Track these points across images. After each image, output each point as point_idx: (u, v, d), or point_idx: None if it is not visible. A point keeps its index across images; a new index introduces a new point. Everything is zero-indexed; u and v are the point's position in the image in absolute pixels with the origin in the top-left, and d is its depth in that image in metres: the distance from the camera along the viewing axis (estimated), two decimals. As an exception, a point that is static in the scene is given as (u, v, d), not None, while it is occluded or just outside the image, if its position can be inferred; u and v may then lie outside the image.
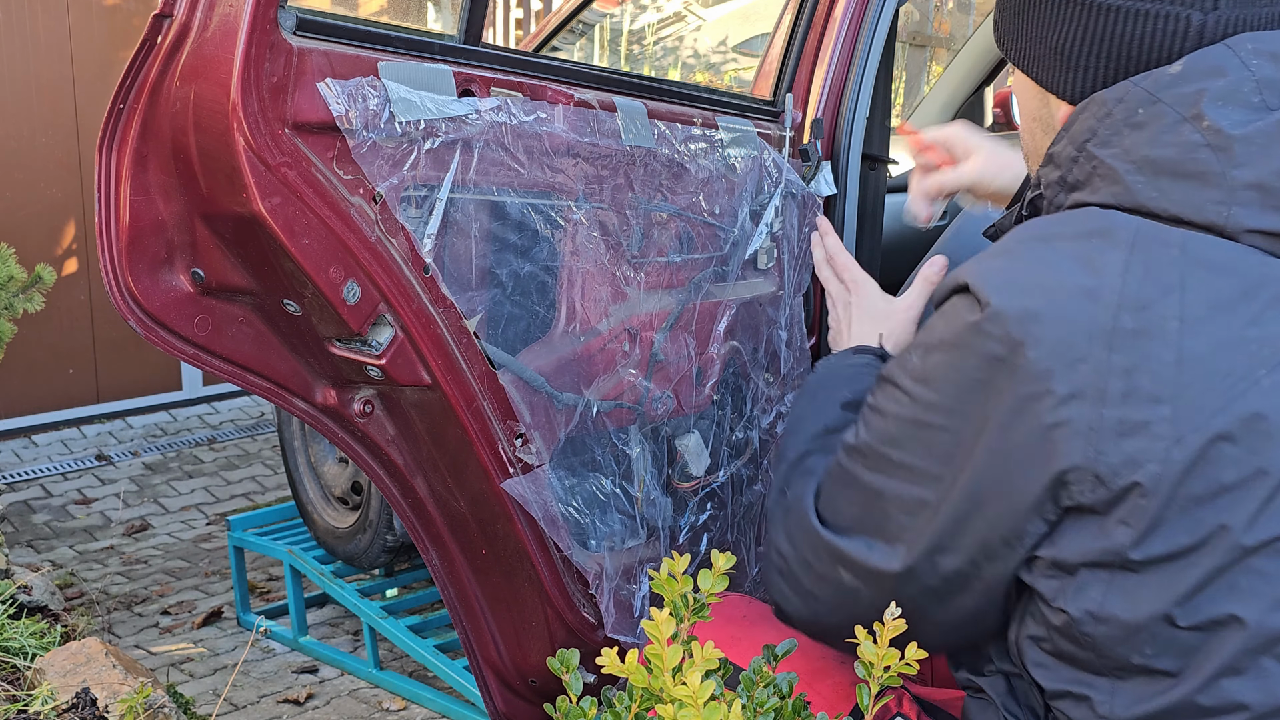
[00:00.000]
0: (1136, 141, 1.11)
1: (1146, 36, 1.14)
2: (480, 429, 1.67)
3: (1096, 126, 1.14)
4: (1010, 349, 1.07)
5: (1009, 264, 1.12)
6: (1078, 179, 1.16)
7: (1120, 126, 1.12)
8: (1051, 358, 1.05)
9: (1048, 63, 1.23)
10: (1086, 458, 1.04)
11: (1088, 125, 1.15)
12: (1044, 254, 1.11)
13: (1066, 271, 1.08)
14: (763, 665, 1.13)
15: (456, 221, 1.60)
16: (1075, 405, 1.05)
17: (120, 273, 1.45)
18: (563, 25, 3.08)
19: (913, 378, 1.17)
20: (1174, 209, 1.08)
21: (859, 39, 2.20)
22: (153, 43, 1.37)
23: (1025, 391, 1.06)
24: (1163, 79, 1.12)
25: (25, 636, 2.21)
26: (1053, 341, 1.05)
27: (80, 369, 4.82)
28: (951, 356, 1.13)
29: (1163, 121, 1.10)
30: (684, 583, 1.13)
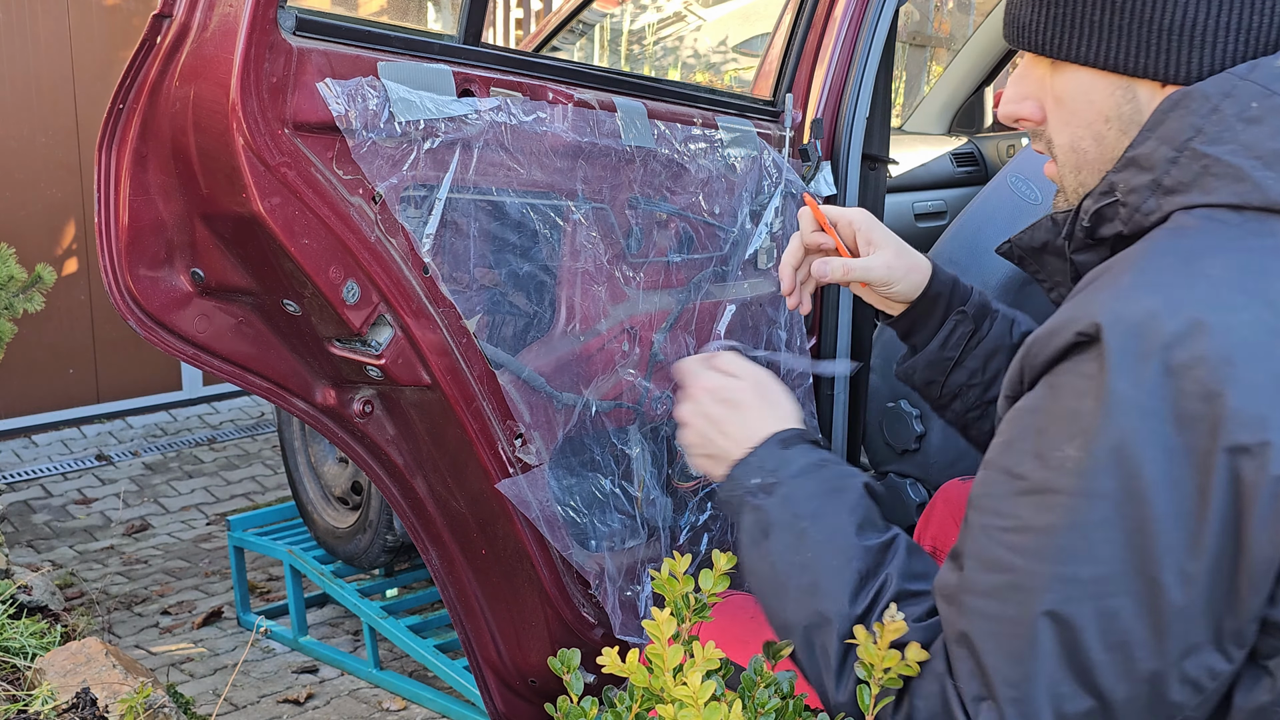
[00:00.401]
0: (1257, 136, 1.03)
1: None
2: (480, 429, 1.67)
3: (1201, 124, 1.05)
4: (1207, 402, 0.94)
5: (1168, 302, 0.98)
6: (1180, 180, 1.06)
7: (1233, 122, 1.04)
8: (1259, 402, 0.94)
9: (1160, 46, 1.09)
10: None
11: (1189, 123, 1.06)
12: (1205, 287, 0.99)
13: (1240, 306, 0.97)
14: (763, 665, 1.13)
15: (456, 221, 1.60)
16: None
17: (120, 272, 1.45)
18: (563, 25, 3.08)
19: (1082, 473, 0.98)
20: None
21: (859, 39, 2.20)
22: (152, 43, 1.37)
23: (1234, 445, 0.94)
24: (1273, 70, 1.05)
25: (25, 636, 2.21)
26: (1254, 385, 0.94)
27: (80, 369, 4.82)
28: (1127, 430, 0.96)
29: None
30: (685, 583, 1.13)
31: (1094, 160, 1.17)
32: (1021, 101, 1.22)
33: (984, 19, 3.91)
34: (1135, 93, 1.13)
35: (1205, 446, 0.95)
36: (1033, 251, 1.27)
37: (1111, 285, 1.03)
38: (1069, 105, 1.17)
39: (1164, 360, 0.96)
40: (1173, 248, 1.03)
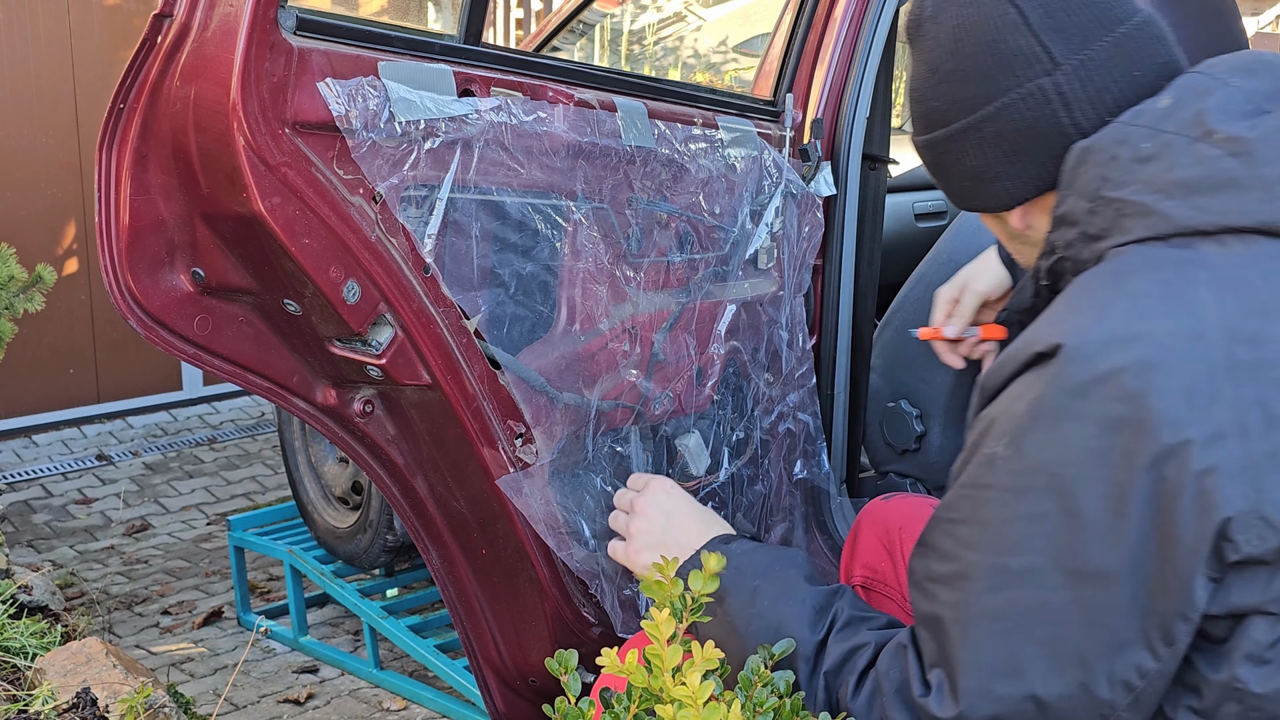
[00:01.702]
0: (1154, 172, 1.11)
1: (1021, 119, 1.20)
2: (480, 429, 1.67)
3: (1105, 172, 1.15)
4: (1131, 405, 1.01)
5: (1096, 320, 1.07)
6: (1102, 227, 1.15)
7: (1131, 164, 1.13)
8: (1181, 404, 1.00)
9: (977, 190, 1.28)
10: (1248, 500, 0.99)
11: (1095, 174, 1.15)
12: (1128, 304, 1.06)
13: (1163, 316, 1.04)
14: (761, 665, 1.13)
15: (456, 221, 1.60)
16: (1221, 447, 0.99)
17: (120, 272, 1.45)
18: (563, 25, 3.08)
19: (1010, 471, 1.07)
20: (1219, 220, 1.08)
21: (859, 39, 2.20)
22: (153, 42, 1.37)
23: (1160, 447, 1.00)
24: (1155, 113, 1.14)
25: (26, 636, 2.21)
26: (1177, 387, 1.00)
27: (81, 369, 4.82)
28: (1055, 432, 1.04)
29: (1173, 148, 1.11)
30: (673, 585, 1.13)
31: (1025, 262, 1.36)
32: None
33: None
34: (1002, 219, 1.31)
35: (1129, 448, 1.01)
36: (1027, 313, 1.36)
37: (1048, 315, 1.14)
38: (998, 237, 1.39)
39: (1091, 368, 1.03)
40: (1101, 271, 1.13)
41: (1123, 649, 1.03)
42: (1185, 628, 1.02)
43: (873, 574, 1.72)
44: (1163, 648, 1.03)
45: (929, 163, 1.34)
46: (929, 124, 1.29)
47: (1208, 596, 1.02)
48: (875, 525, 1.78)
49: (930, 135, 1.30)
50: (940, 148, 1.29)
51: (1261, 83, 1.14)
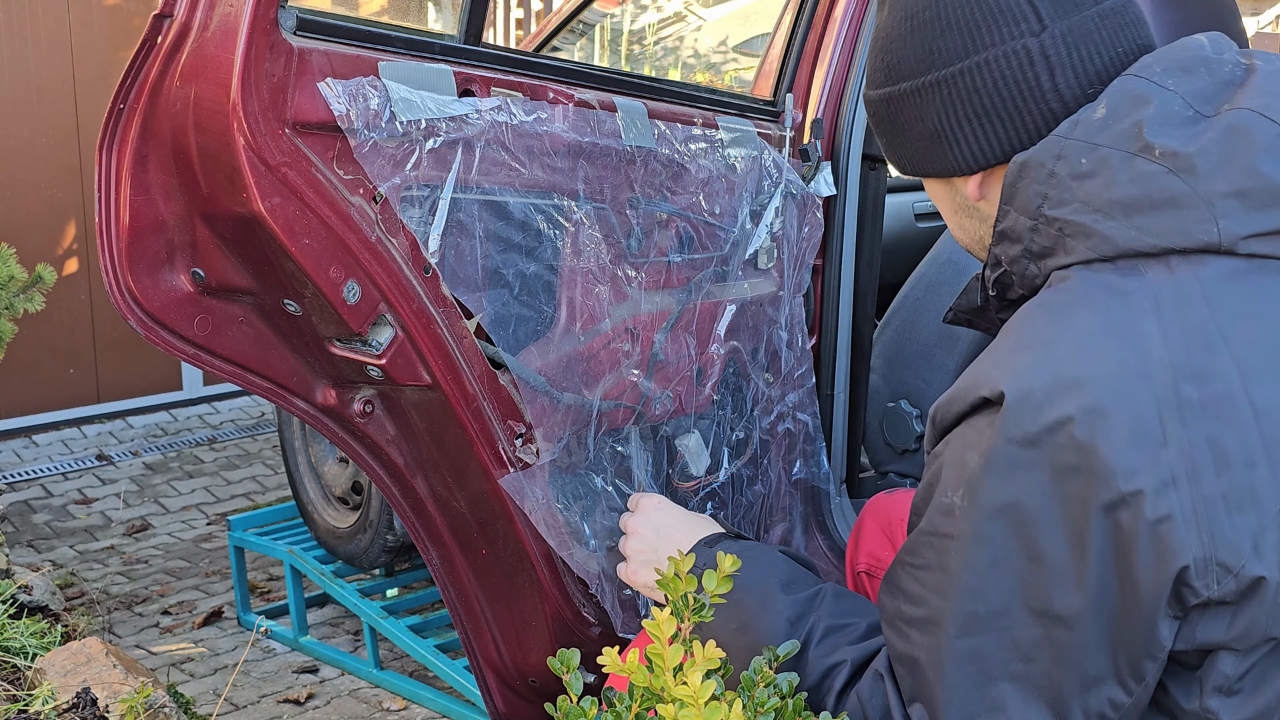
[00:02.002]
0: (1092, 190, 1.08)
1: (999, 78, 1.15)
2: (480, 429, 1.67)
3: (1044, 189, 1.11)
4: (1081, 455, 0.99)
5: (1039, 364, 1.04)
6: (1045, 246, 1.12)
7: (1069, 182, 1.10)
8: (1131, 451, 0.98)
9: (933, 152, 1.22)
10: (1204, 546, 0.98)
11: (1034, 191, 1.12)
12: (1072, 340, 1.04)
13: (1107, 356, 1.02)
14: (763, 665, 1.13)
15: (458, 221, 1.60)
16: (1173, 493, 0.98)
17: (120, 272, 1.45)
18: (563, 25, 3.08)
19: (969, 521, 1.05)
20: (1161, 241, 1.04)
21: (859, 39, 2.20)
22: (153, 43, 1.37)
23: (1111, 496, 0.99)
24: (1091, 125, 1.10)
25: (26, 636, 2.21)
26: (1125, 434, 0.99)
27: (81, 369, 4.82)
28: (1009, 482, 1.03)
29: (1111, 163, 1.08)
30: (688, 582, 1.13)
31: (968, 241, 1.31)
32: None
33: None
34: (955, 186, 1.25)
35: (1082, 496, 1.00)
36: (973, 312, 1.35)
37: (994, 351, 1.11)
38: (936, 205, 1.33)
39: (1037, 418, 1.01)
40: (1046, 303, 1.10)
41: (1095, 684, 1.03)
42: (1153, 665, 1.02)
43: (876, 562, 1.77)
44: (1133, 683, 1.03)
45: (882, 118, 1.26)
46: (893, 75, 1.22)
47: (1173, 635, 1.01)
48: (879, 517, 1.81)
49: (892, 88, 1.22)
50: (902, 102, 1.22)
51: (1198, 82, 1.10)
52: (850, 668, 1.20)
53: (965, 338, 2.53)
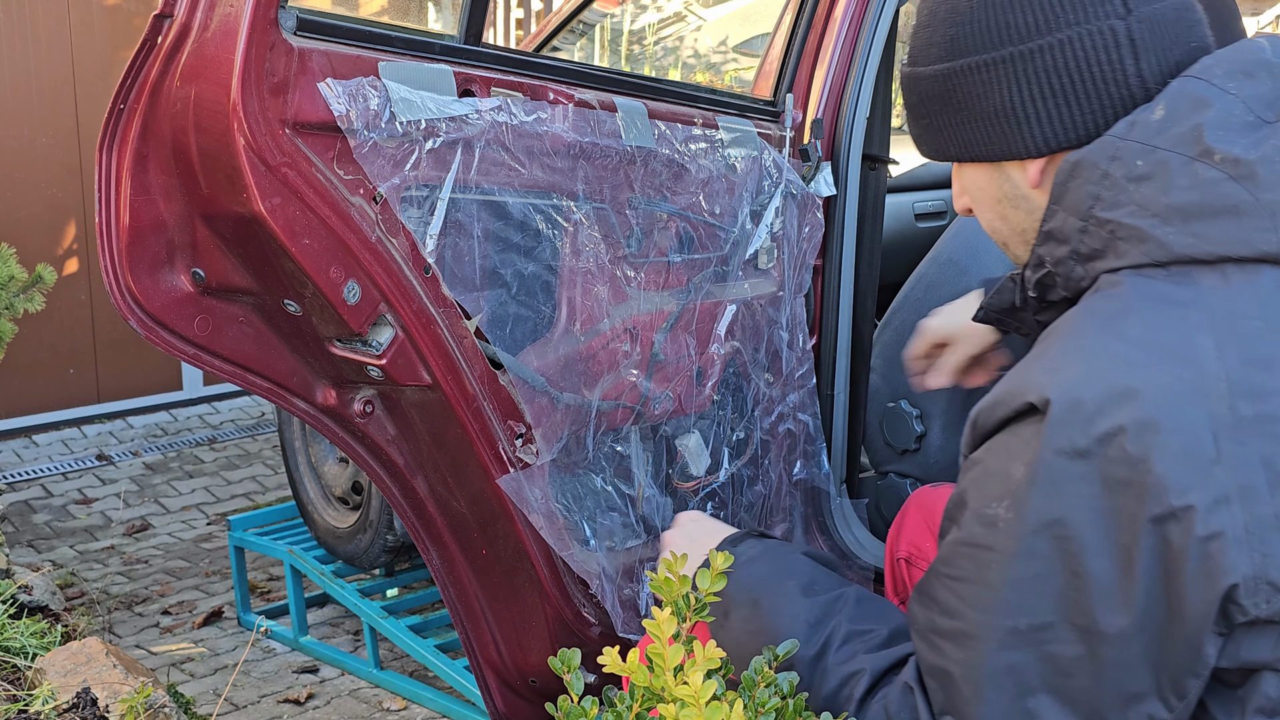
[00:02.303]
0: (1149, 193, 1.06)
1: (1081, 58, 1.11)
2: (480, 429, 1.67)
3: (1097, 191, 1.09)
4: (1132, 468, 0.97)
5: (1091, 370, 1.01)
6: (1094, 248, 1.10)
7: (1124, 184, 1.07)
8: (1183, 467, 0.97)
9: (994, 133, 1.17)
10: (1254, 565, 0.97)
11: (1086, 191, 1.10)
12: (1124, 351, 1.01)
13: (1161, 368, 0.99)
14: (764, 665, 1.13)
15: (458, 221, 1.60)
16: (1225, 511, 0.96)
17: (121, 273, 1.45)
18: (563, 25, 3.08)
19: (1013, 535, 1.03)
20: (1218, 249, 1.02)
21: (859, 39, 2.20)
22: (153, 43, 1.37)
23: (1161, 511, 0.97)
24: (1149, 127, 1.08)
25: (26, 636, 2.21)
26: (1178, 449, 0.97)
27: (81, 369, 4.82)
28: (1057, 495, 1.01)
29: (1170, 167, 1.05)
30: (683, 583, 1.13)
31: (1008, 235, 1.24)
32: (959, 197, 1.30)
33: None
34: (1007, 173, 1.19)
35: (1132, 511, 0.98)
36: (1006, 311, 1.33)
37: (1041, 356, 1.08)
38: (973, 195, 1.26)
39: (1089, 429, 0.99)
40: (1096, 310, 1.07)
41: (1136, 700, 1.02)
42: (1196, 682, 1.01)
43: (916, 550, 1.77)
44: (1175, 700, 1.01)
45: (932, 96, 1.20)
46: (956, 49, 1.15)
47: (1217, 652, 1.00)
48: (924, 509, 1.82)
49: (953, 63, 1.16)
50: (964, 78, 1.15)
51: (1260, 87, 1.07)
52: (870, 677, 1.18)
53: (965, 338, 2.53)
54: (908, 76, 1.23)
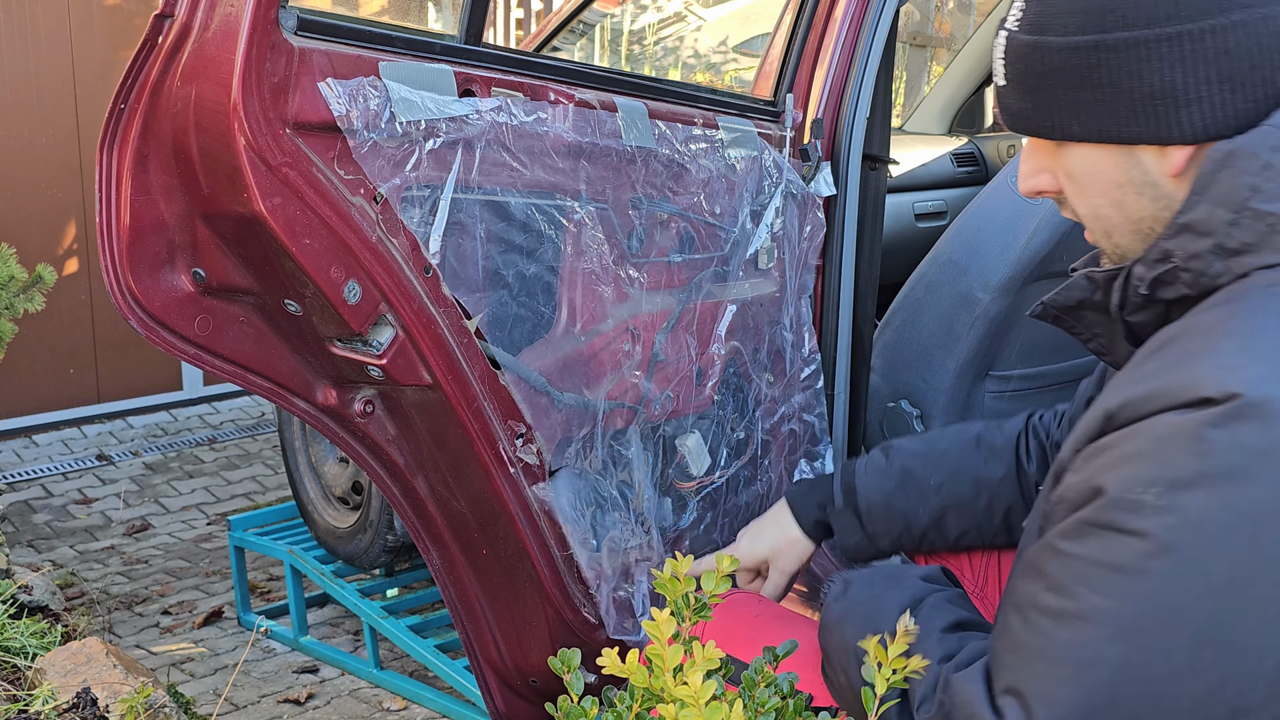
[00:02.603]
0: None
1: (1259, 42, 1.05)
2: (481, 428, 1.67)
3: (1256, 182, 1.03)
4: None
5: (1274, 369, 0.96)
6: (1245, 242, 1.04)
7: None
8: None
9: (1144, 115, 1.09)
10: None
11: (1243, 183, 1.04)
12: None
13: None
14: (764, 665, 1.13)
15: (458, 221, 1.60)
16: None
17: (121, 272, 1.45)
18: (563, 25, 3.08)
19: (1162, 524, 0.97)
20: None
21: (859, 39, 2.20)
22: (154, 43, 1.37)
23: None
24: None
25: (26, 636, 2.21)
26: None
27: (81, 369, 4.82)
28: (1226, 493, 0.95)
29: None
30: (686, 583, 1.13)
31: (1120, 224, 1.16)
32: (1038, 175, 1.21)
33: (984, 19, 3.91)
34: (1138, 158, 1.12)
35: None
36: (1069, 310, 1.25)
37: (1211, 351, 1.01)
38: (1080, 179, 1.17)
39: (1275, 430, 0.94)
40: (1269, 308, 1.01)
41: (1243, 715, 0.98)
42: None
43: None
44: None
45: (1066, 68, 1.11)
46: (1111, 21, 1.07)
47: None
48: None
49: (1106, 35, 1.08)
50: (1117, 52, 1.07)
51: None
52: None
53: (965, 338, 2.53)
54: (1028, 46, 1.13)
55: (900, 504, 1.65)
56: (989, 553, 1.70)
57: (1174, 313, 1.13)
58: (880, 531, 1.66)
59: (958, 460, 1.65)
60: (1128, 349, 1.19)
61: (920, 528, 1.65)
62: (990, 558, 1.70)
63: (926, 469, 1.65)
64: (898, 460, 1.67)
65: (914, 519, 1.65)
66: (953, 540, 1.66)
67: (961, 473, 1.64)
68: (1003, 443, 1.65)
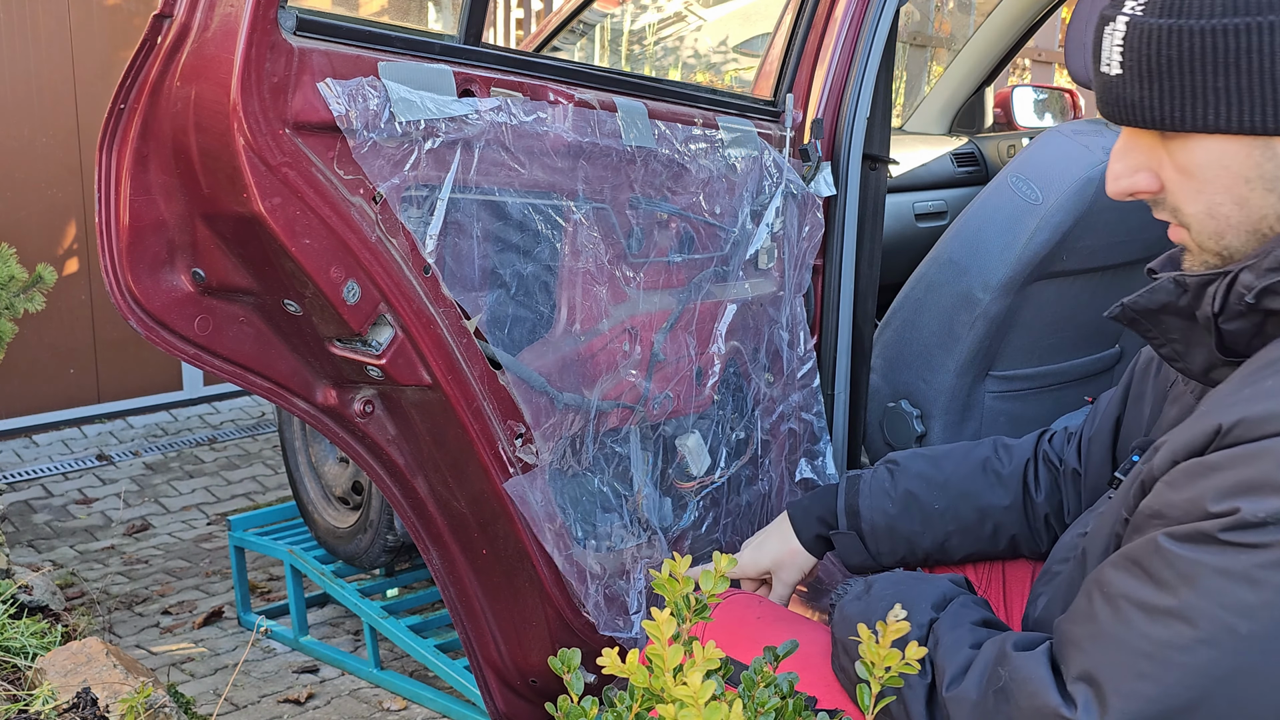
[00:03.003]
0: None
1: None
2: (480, 428, 1.67)
3: None
4: None
5: None
6: None
7: None
8: None
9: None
10: None
11: None
12: None
13: None
14: (764, 665, 1.13)
15: (457, 221, 1.60)
16: None
17: (121, 272, 1.45)
18: (563, 25, 3.08)
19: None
20: None
21: (859, 39, 2.20)
22: (153, 43, 1.37)
23: None
24: None
25: (26, 636, 2.21)
26: None
27: (81, 369, 4.82)
28: None
29: None
30: (685, 584, 1.13)
31: (1239, 223, 1.11)
32: (1134, 174, 1.16)
33: (984, 19, 3.91)
34: (1276, 150, 1.06)
35: None
36: (1149, 313, 1.20)
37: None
38: (1200, 174, 1.11)
39: None
40: None
41: None
42: None
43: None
44: None
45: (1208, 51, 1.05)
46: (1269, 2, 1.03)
47: None
48: None
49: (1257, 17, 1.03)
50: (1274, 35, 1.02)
51: None
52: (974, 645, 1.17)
53: (965, 338, 2.53)
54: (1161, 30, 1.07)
55: (904, 528, 1.64)
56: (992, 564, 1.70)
57: (1270, 324, 1.09)
58: (884, 552, 1.66)
59: (963, 485, 1.63)
60: (1208, 357, 1.15)
61: (924, 550, 1.65)
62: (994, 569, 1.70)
63: (931, 493, 1.63)
64: (902, 482, 1.65)
65: (917, 542, 1.64)
66: (956, 561, 1.66)
67: (966, 498, 1.62)
68: (1010, 470, 1.62)
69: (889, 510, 1.64)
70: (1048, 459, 1.61)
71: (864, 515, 1.65)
